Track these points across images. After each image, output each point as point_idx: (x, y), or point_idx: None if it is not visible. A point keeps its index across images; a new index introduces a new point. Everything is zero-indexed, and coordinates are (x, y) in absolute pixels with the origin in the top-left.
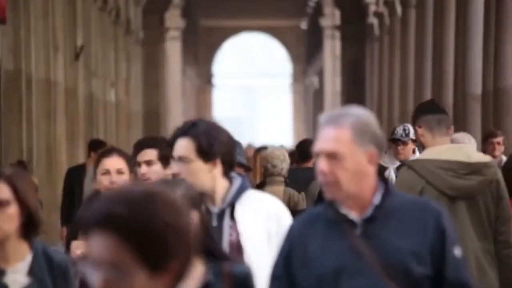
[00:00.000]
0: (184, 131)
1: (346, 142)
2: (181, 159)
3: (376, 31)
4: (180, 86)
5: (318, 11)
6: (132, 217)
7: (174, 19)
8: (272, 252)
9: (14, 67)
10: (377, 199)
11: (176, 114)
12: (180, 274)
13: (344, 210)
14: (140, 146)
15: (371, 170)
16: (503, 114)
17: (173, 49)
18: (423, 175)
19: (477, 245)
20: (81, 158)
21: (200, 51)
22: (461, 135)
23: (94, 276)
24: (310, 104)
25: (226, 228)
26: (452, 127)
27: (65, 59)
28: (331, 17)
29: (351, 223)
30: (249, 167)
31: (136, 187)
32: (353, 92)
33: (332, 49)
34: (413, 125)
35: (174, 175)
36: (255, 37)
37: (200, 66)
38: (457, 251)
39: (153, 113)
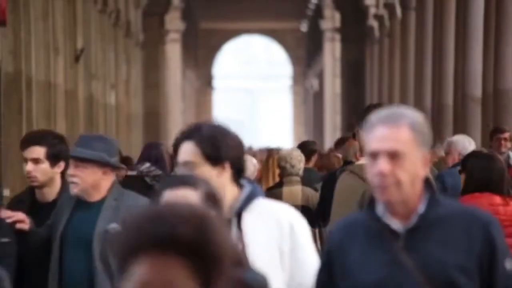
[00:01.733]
0: (188, 135)
1: (406, 141)
2: (186, 164)
3: (376, 33)
4: (180, 88)
5: (318, 13)
6: (196, 238)
7: (174, 22)
8: (284, 267)
9: (14, 69)
10: (421, 208)
11: (176, 116)
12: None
13: (386, 219)
14: (26, 142)
15: (423, 175)
16: (503, 116)
17: (173, 51)
18: (365, 179)
19: None
20: None
21: (200, 53)
22: (461, 138)
23: None
24: (310, 106)
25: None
26: None
27: (65, 61)
28: (331, 20)
29: (393, 233)
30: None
31: (180, 205)
32: (353, 94)
33: (332, 51)
34: (357, 126)
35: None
36: (255, 39)
37: (200, 68)
38: (509, 264)
39: (153, 115)
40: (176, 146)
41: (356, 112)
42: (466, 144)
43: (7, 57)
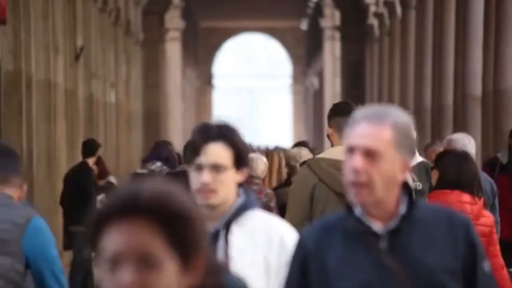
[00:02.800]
0: (216, 135)
1: (386, 142)
2: (216, 167)
3: (376, 32)
4: (180, 87)
5: (318, 12)
6: (161, 199)
7: (174, 20)
8: (270, 284)
9: (14, 68)
10: (402, 209)
11: (176, 115)
12: (202, 274)
13: (366, 221)
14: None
15: (400, 179)
16: (503, 115)
17: (173, 50)
18: (316, 172)
19: None
20: (80, 159)
21: (200, 52)
22: (461, 136)
23: (118, 275)
24: (310, 105)
25: (219, 251)
26: None
27: (65, 60)
28: (331, 18)
29: (374, 235)
30: None
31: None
32: (353, 93)
33: (332, 50)
34: (328, 124)
35: (204, 184)
36: (255, 38)
37: (200, 67)
38: (487, 266)
39: (153, 114)
40: (197, 145)
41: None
42: (466, 142)
43: (7, 56)
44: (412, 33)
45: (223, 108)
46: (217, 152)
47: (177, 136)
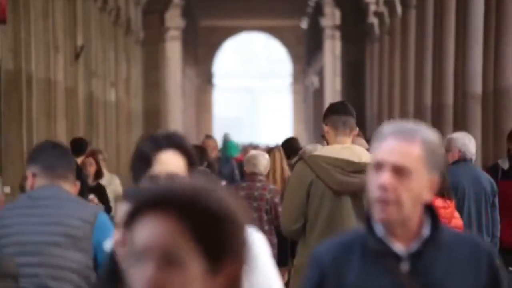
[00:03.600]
0: (168, 143)
1: (416, 159)
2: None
3: (376, 31)
4: (180, 86)
5: (318, 11)
6: (195, 197)
7: (174, 19)
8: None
9: (14, 67)
10: (426, 231)
11: (176, 114)
12: (235, 279)
13: (388, 241)
14: None
15: (427, 199)
16: (503, 114)
17: (173, 49)
18: (313, 169)
19: None
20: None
21: (200, 51)
22: (461, 135)
23: (141, 269)
24: (310, 104)
25: None
26: (357, 130)
27: (65, 59)
28: (331, 17)
29: (395, 256)
30: None
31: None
32: (353, 92)
33: (332, 49)
34: (323, 123)
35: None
36: (255, 37)
37: (200, 66)
38: None
39: (153, 113)
40: (148, 155)
41: (356, 110)
42: (466, 141)
43: (7, 55)
44: (412, 32)
45: (223, 107)
46: (170, 161)
47: None
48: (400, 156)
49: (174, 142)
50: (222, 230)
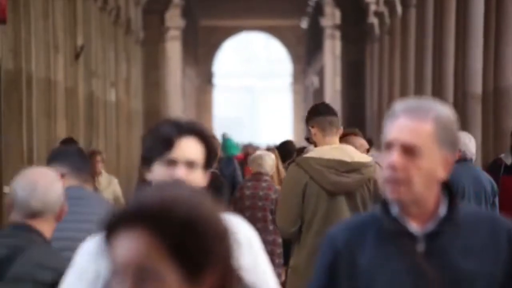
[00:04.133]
0: (190, 129)
1: (427, 138)
2: (190, 163)
3: (376, 31)
4: (180, 86)
5: (318, 10)
6: (166, 209)
7: (174, 19)
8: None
9: (14, 67)
10: (442, 211)
11: (176, 114)
12: None
13: (404, 221)
14: None
15: (442, 177)
16: (503, 114)
17: (173, 49)
18: (307, 171)
19: None
20: None
21: (200, 51)
22: (461, 135)
23: (119, 287)
24: (310, 104)
25: None
26: (341, 129)
27: (65, 59)
28: (331, 17)
29: (411, 236)
30: None
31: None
32: (353, 92)
33: (332, 49)
34: (307, 125)
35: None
36: (255, 37)
37: (200, 66)
38: None
39: (153, 112)
40: (169, 139)
41: (356, 110)
42: (467, 141)
43: (7, 55)
44: (413, 32)
45: (223, 107)
46: (191, 148)
47: None
48: (409, 135)
49: (196, 129)
50: (198, 241)
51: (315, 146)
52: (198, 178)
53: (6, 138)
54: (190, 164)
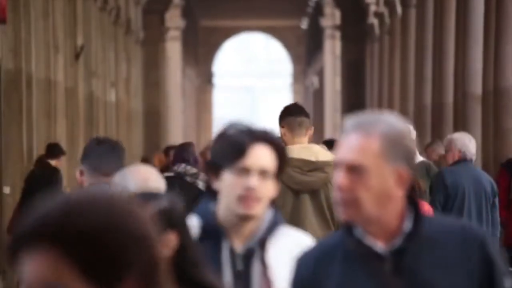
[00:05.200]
0: (264, 137)
1: (372, 155)
2: (263, 172)
3: (377, 31)
4: (180, 86)
5: (318, 11)
6: (69, 220)
7: (174, 19)
8: None
9: (14, 67)
10: (407, 226)
11: (176, 114)
12: None
13: (368, 240)
14: None
15: (399, 193)
16: (503, 114)
17: (173, 49)
18: None
19: (319, 233)
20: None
21: (200, 51)
22: (461, 135)
23: None
24: (310, 104)
25: (256, 275)
26: (312, 129)
27: (65, 59)
28: (331, 17)
29: (377, 256)
30: None
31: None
32: (353, 92)
33: (332, 49)
34: (280, 126)
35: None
36: (255, 37)
37: (200, 66)
38: (508, 283)
39: (154, 113)
40: (242, 145)
41: (356, 110)
42: (466, 141)
43: (7, 55)
44: (413, 32)
45: (223, 107)
46: (265, 156)
47: (177, 135)
48: (353, 154)
49: (269, 137)
50: (107, 251)
51: (285, 145)
52: (270, 188)
53: (6, 138)
54: (263, 173)
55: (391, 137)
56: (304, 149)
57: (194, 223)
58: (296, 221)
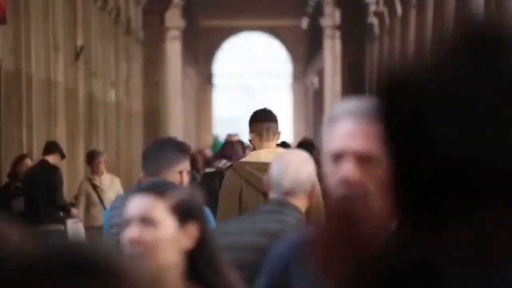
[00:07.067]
0: None
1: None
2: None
3: (376, 30)
4: (180, 85)
5: (318, 10)
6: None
7: (174, 19)
8: None
9: (14, 67)
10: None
11: (176, 114)
12: None
13: None
14: None
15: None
16: None
17: (173, 49)
18: (242, 175)
19: None
20: (81, 158)
21: (200, 51)
22: None
23: None
24: (310, 104)
25: None
26: (280, 134)
27: (65, 59)
28: (331, 17)
29: None
30: None
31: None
32: (353, 92)
33: (332, 49)
34: (249, 132)
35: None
36: (255, 37)
37: (200, 66)
38: None
39: (154, 113)
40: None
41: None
42: None
43: (7, 56)
44: (412, 32)
45: (223, 107)
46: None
47: (177, 135)
48: (363, 141)
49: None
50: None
51: (254, 150)
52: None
53: (6, 138)
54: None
55: None
56: (271, 153)
57: None
58: None
